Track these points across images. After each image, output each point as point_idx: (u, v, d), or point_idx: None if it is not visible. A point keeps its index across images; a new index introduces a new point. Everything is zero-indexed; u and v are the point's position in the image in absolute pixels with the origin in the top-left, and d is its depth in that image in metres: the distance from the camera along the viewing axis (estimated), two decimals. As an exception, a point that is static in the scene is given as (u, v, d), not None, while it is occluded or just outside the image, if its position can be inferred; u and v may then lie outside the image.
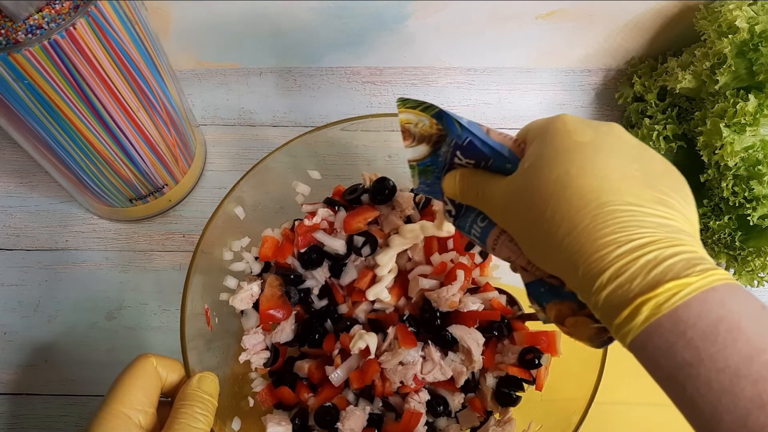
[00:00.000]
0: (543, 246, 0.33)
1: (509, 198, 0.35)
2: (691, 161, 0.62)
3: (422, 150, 0.40)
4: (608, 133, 0.34)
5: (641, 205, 0.31)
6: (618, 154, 0.33)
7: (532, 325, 0.52)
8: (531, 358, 0.50)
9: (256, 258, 0.55)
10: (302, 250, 0.53)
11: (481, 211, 0.39)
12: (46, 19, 0.42)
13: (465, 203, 0.40)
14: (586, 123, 0.35)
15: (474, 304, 0.50)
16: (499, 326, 0.52)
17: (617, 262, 0.29)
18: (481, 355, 0.50)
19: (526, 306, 0.54)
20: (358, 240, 0.52)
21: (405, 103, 0.38)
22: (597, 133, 0.34)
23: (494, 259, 0.56)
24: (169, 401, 0.44)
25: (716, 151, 0.57)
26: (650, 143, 0.62)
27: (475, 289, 0.54)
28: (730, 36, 0.56)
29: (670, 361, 0.28)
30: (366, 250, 0.52)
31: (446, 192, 0.41)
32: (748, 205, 0.57)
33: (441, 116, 0.38)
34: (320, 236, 0.52)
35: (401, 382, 0.49)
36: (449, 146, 0.39)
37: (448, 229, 0.49)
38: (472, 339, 0.49)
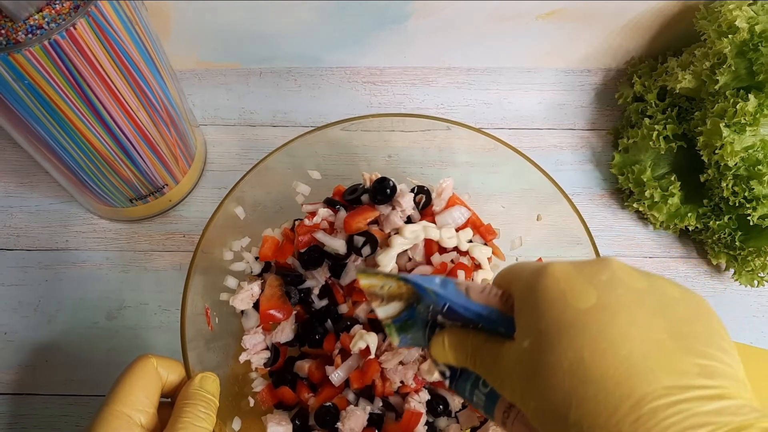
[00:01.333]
0: None
1: (516, 377, 0.29)
2: (691, 161, 0.62)
3: (395, 307, 0.35)
4: (612, 283, 0.28)
5: (683, 387, 0.24)
6: (635, 313, 0.27)
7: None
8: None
9: (257, 258, 0.55)
10: (302, 250, 0.53)
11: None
12: (46, 20, 0.42)
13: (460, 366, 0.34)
14: (580, 275, 0.28)
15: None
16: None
17: None
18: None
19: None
20: (359, 240, 0.52)
21: (365, 272, 0.35)
22: (600, 290, 0.27)
23: (494, 259, 0.56)
24: (169, 402, 0.44)
25: (716, 151, 0.57)
26: (650, 143, 0.62)
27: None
28: (730, 36, 0.56)
29: None
30: (366, 250, 0.52)
31: (435, 357, 0.35)
32: (748, 205, 0.57)
33: (408, 281, 0.33)
34: (320, 236, 0.52)
35: (401, 382, 0.49)
36: (427, 307, 0.33)
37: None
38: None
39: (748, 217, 0.57)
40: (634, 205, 0.65)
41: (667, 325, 0.26)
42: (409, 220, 0.53)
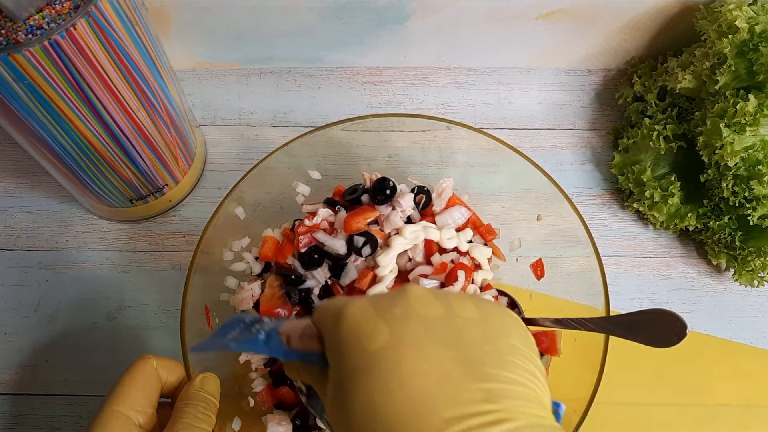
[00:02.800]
0: None
1: (330, 416, 0.29)
2: (691, 161, 0.62)
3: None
4: (405, 317, 0.28)
5: (465, 415, 0.25)
6: (424, 347, 0.27)
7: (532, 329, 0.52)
8: (531, 358, 0.49)
9: (257, 258, 0.55)
10: (302, 251, 0.53)
11: None
12: (46, 20, 0.42)
13: None
14: (376, 312, 0.28)
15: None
16: (499, 326, 0.51)
17: None
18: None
19: (527, 309, 0.54)
20: (359, 240, 0.52)
21: (194, 351, 0.36)
22: (393, 327, 0.27)
23: (494, 260, 0.56)
24: (169, 402, 0.44)
25: (716, 151, 0.57)
26: (650, 143, 0.62)
27: (475, 289, 0.54)
28: (730, 36, 0.56)
29: None
30: (366, 251, 0.52)
31: (290, 376, 0.35)
32: (748, 205, 0.57)
33: (237, 349, 0.34)
34: (320, 236, 0.52)
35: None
36: None
37: None
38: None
39: (748, 217, 0.57)
40: (634, 205, 0.65)
41: (456, 354, 0.27)
42: (409, 221, 0.53)
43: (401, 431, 0.25)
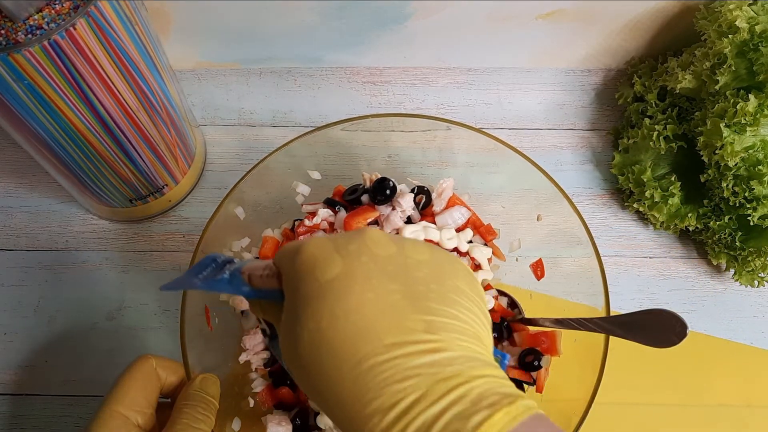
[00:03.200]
0: (326, 412, 0.28)
1: (283, 346, 0.30)
2: (691, 161, 0.62)
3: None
4: (359, 252, 0.29)
5: (405, 342, 0.26)
6: (374, 279, 0.28)
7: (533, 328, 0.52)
8: (531, 360, 0.50)
9: (257, 258, 0.55)
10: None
11: None
12: (46, 20, 0.41)
13: None
14: (333, 247, 0.30)
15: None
16: (499, 328, 0.51)
17: None
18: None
19: (527, 309, 0.54)
20: (359, 240, 0.52)
21: (168, 288, 0.37)
22: (346, 260, 0.29)
23: (494, 260, 0.56)
24: (168, 402, 0.44)
25: (716, 151, 0.57)
26: (650, 143, 0.62)
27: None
28: (730, 36, 0.56)
29: None
30: (366, 251, 0.51)
31: (255, 314, 0.36)
32: (748, 206, 0.57)
33: (203, 288, 0.35)
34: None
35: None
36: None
37: None
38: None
39: (749, 218, 0.57)
40: (635, 205, 0.65)
41: (402, 288, 0.28)
42: (409, 221, 0.53)
43: (344, 355, 0.26)
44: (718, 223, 0.60)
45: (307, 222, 0.53)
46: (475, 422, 0.24)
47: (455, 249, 0.53)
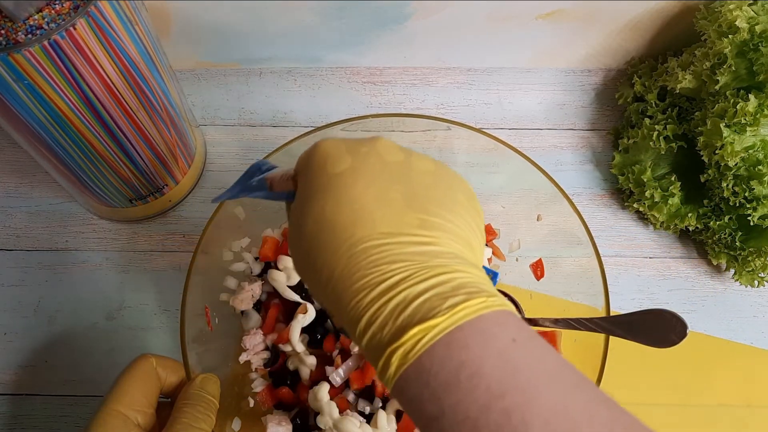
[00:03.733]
0: (317, 292, 0.31)
1: (290, 232, 0.33)
2: (691, 161, 0.62)
3: None
4: (368, 154, 0.32)
5: (399, 233, 0.29)
6: (378, 177, 0.31)
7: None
8: (531, 358, 0.49)
9: (257, 258, 0.55)
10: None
11: None
12: (46, 20, 0.41)
13: None
14: (345, 147, 0.32)
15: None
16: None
17: (369, 309, 0.27)
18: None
19: (527, 309, 0.54)
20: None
21: (219, 200, 0.41)
22: (355, 158, 0.31)
23: (494, 260, 0.56)
24: (168, 402, 0.44)
25: (716, 151, 0.57)
26: (650, 143, 0.62)
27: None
28: (730, 36, 0.56)
29: (420, 415, 0.26)
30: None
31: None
32: (748, 205, 0.57)
33: (234, 196, 0.39)
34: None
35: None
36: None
37: None
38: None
39: (749, 218, 0.57)
40: (635, 205, 0.65)
41: (404, 189, 0.30)
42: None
43: (342, 236, 0.29)
44: (718, 223, 0.60)
45: (307, 222, 0.53)
46: (452, 302, 0.26)
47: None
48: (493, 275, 0.44)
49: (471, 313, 0.26)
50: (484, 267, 0.43)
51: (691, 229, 0.63)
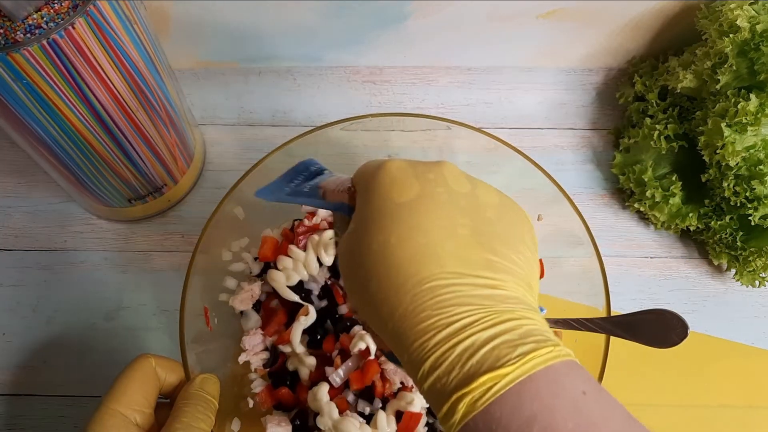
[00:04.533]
0: (374, 323, 0.30)
1: (342, 254, 0.32)
2: (692, 161, 0.62)
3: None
4: (435, 182, 0.31)
5: (466, 274, 0.28)
6: (445, 209, 0.30)
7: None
8: (532, 359, 0.49)
9: (256, 258, 0.55)
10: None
11: None
12: (44, 19, 0.41)
13: None
14: (412, 172, 0.31)
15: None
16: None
17: (435, 351, 0.26)
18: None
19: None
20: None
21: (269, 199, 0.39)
22: (423, 186, 0.30)
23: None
24: (167, 402, 0.44)
25: (717, 151, 0.57)
26: (651, 143, 0.62)
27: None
28: (731, 35, 0.56)
29: None
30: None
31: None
32: (749, 205, 0.57)
33: (293, 201, 0.38)
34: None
35: (402, 383, 0.49)
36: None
37: None
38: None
39: (750, 218, 0.57)
40: (635, 205, 0.65)
41: (470, 223, 0.30)
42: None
43: (408, 272, 0.28)
44: (719, 223, 0.60)
45: (306, 222, 0.53)
46: (521, 351, 0.25)
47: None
48: (540, 310, 0.44)
49: (541, 363, 0.25)
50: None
51: (692, 229, 0.63)
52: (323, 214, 0.53)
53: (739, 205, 0.58)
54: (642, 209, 0.64)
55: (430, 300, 0.27)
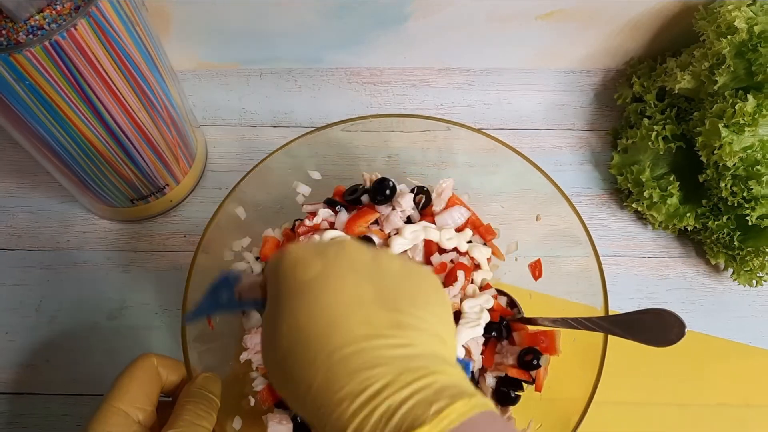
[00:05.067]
0: (293, 403, 0.30)
1: (262, 341, 0.33)
2: (689, 161, 0.63)
3: None
4: (336, 255, 0.32)
5: (374, 335, 0.28)
6: (349, 279, 0.31)
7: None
8: (530, 359, 0.50)
9: (257, 258, 0.55)
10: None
11: None
12: (47, 20, 0.42)
13: None
14: (314, 251, 0.32)
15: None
16: (498, 327, 0.52)
17: (355, 419, 0.26)
18: (481, 354, 0.50)
19: (526, 308, 0.55)
20: (359, 240, 0.52)
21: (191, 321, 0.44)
22: (325, 262, 0.31)
23: (494, 259, 0.56)
24: (169, 401, 0.44)
25: (715, 152, 0.57)
26: (649, 144, 0.62)
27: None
28: (728, 36, 0.56)
29: None
30: (366, 250, 0.52)
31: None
32: (746, 205, 0.57)
33: (199, 316, 0.41)
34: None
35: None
36: None
37: None
38: (472, 339, 0.49)
39: (747, 217, 0.58)
40: (633, 205, 0.65)
41: (374, 290, 0.30)
42: (408, 221, 0.54)
43: (318, 346, 0.28)
44: (716, 222, 0.61)
45: (307, 222, 0.53)
46: (436, 408, 0.26)
47: (455, 249, 0.53)
48: (465, 365, 0.45)
49: (457, 418, 0.26)
50: (461, 360, 0.44)
51: (689, 228, 0.63)
52: (324, 214, 0.54)
53: (736, 205, 0.58)
54: (640, 209, 0.65)
55: (342, 369, 0.27)
